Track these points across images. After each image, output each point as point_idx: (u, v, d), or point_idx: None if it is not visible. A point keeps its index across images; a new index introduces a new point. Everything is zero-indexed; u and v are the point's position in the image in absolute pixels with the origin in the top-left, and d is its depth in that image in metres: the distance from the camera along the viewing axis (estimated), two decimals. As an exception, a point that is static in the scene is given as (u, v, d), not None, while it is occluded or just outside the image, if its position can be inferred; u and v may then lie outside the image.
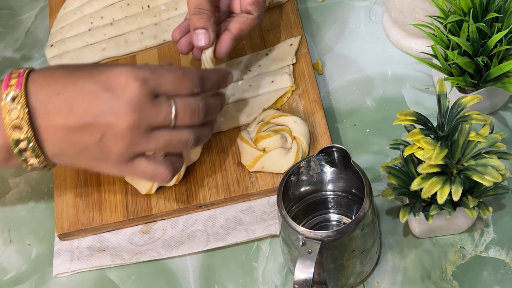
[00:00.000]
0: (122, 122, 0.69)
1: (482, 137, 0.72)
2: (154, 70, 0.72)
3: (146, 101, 0.70)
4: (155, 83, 0.71)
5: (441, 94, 0.74)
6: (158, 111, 0.71)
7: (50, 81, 0.70)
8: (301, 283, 0.70)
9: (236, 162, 0.87)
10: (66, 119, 0.70)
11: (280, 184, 0.75)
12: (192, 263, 0.84)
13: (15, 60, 1.03)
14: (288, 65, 0.93)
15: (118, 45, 0.98)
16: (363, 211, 0.71)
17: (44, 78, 0.71)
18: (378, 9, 0.99)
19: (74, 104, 0.69)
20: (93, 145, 0.71)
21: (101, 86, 0.69)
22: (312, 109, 0.89)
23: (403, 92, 0.92)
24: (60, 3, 1.04)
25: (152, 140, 0.72)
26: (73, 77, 0.70)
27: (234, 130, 0.90)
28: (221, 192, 0.86)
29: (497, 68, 0.80)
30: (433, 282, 0.79)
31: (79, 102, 0.69)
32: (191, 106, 0.73)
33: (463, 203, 0.74)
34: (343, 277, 0.76)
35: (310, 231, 0.71)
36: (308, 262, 0.70)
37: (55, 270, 0.84)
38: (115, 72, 0.70)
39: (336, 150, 0.76)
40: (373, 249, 0.77)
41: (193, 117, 0.73)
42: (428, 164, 0.71)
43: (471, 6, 0.81)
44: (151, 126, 0.71)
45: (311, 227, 0.82)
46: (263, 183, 0.85)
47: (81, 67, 0.73)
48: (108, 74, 0.70)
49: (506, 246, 0.80)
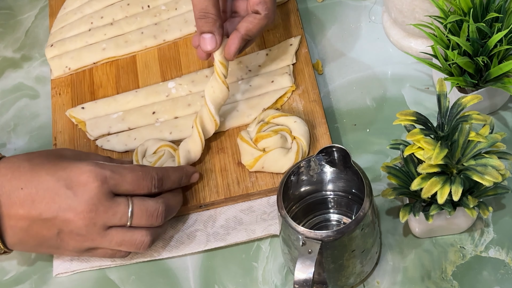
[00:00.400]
0: (79, 220, 0.74)
1: (482, 137, 0.72)
2: (114, 170, 0.75)
3: (103, 201, 0.74)
4: (114, 183, 0.75)
5: (441, 94, 0.74)
6: (115, 211, 0.75)
7: (15, 175, 0.74)
8: (301, 283, 0.70)
9: (236, 162, 0.87)
10: (28, 212, 0.74)
11: (280, 184, 0.75)
12: (192, 263, 0.84)
13: (15, 60, 1.03)
14: (288, 65, 0.93)
15: (118, 45, 0.98)
16: (363, 211, 0.71)
17: (10, 171, 0.75)
18: (378, 9, 0.99)
19: (36, 199, 0.74)
20: (51, 238, 0.76)
21: (62, 183, 0.74)
22: (312, 109, 0.89)
23: (403, 92, 0.92)
24: (60, 3, 1.04)
25: (107, 238, 0.76)
26: (37, 173, 0.74)
27: (234, 130, 0.90)
28: (221, 192, 0.86)
29: (497, 68, 0.80)
30: (433, 282, 0.79)
31: (41, 198, 0.74)
32: (149, 209, 0.77)
33: (463, 203, 0.74)
34: (343, 277, 0.76)
35: (310, 231, 0.71)
36: (308, 262, 0.70)
37: (55, 270, 0.84)
38: (77, 170, 0.74)
39: (336, 150, 0.76)
40: (373, 249, 0.77)
41: (150, 219, 0.77)
42: (428, 164, 0.71)
43: (471, 6, 0.81)
44: (106, 224, 0.75)
45: (311, 227, 0.82)
46: (263, 183, 0.85)
47: (45, 162, 0.76)
48: (70, 172, 0.74)
49: (506, 246, 0.80)
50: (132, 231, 0.77)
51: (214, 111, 0.85)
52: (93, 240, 0.76)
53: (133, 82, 0.96)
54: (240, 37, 0.82)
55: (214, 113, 0.86)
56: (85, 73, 0.98)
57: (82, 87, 0.97)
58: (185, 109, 0.92)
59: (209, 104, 0.85)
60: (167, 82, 0.94)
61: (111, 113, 0.93)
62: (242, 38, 0.83)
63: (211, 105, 0.85)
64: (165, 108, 0.92)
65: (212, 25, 0.81)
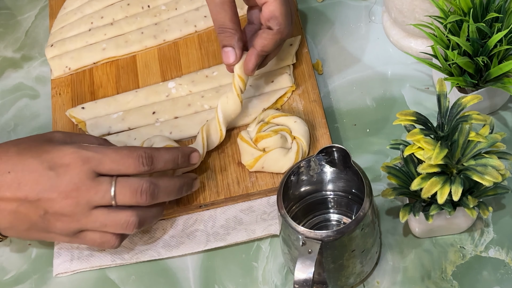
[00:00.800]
0: (62, 199, 0.75)
1: (482, 137, 0.72)
2: (98, 150, 0.76)
3: (85, 180, 0.75)
4: (97, 162, 0.75)
5: (441, 94, 0.74)
6: (97, 190, 0.75)
7: (3, 159, 0.76)
8: (301, 283, 0.70)
9: (236, 162, 0.87)
10: (14, 194, 0.75)
11: (280, 184, 0.75)
12: (192, 263, 0.84)
13: (15, 60, 1.03)
14: (288, 65, 0.93)
15: (118, 45, 0.98)
16: (363, 211, 0.71)
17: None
18: (378, 9, 0.99)
19: (22, 182, 0.75)
20: (38, 220, 0.76)
21: (46, 165, 0.75)
22: (312, 109, 0.89)
23: (403, 92, 0.92)
24: (60, 3, 1.04)
25: (91, 218, 0.76)
26: (24, 156, 0.76)
27: (234, 130, 0.90)
28: (221, 192, 0.86)
29: (497, 68, 0.80)
30: (433, 282, 0.79)
31: (26, 180, 0.75)
32: (132, 186, 0.76)
33: (463, 203, 0.74)
34: (343, 277, 0.76)
35: (310, 231, 0.71)
36: (308, 262, 0.70)
37: (55, 270, 0.84)
38: (60, 152, 0.76)
39: (336, 150, 0.76)
40: (373, 249, 0.77)
41: (135, 197, 0.76)
42: (428, 164, 0.71)
43: (471, 6, 0.81)
44: (90, 203, 0.75)
45: (311, 227, 0.82)
46: (263, 183, 0.85)
47: (32, 146, 0.77)
48: (53, 154, 0.76)
49: (506, 246, 0.80)
50: (117, 211, 0.76)
51: (223, 120, 0.86)
52: (79, 221, 0.76)
53: (133, 82, 0.96)
54: (256, 54, 0.84)
55: (222, 123, 0.86)
56: (85, 73, 0.98)
57: (82, 87, 0.97)
58: (185, 109, 0.92)
59: (219, 113, 0.86)
60: (167, 82, 0.94)
61: (111, 113, 0.93)
62: (258, 54, 0.84)
63: (221, 114, 0.86)
64: (165, 108, 0.92)
65: (231, 39, 0.83)
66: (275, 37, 0.83)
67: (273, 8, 0.81)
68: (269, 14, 0.81)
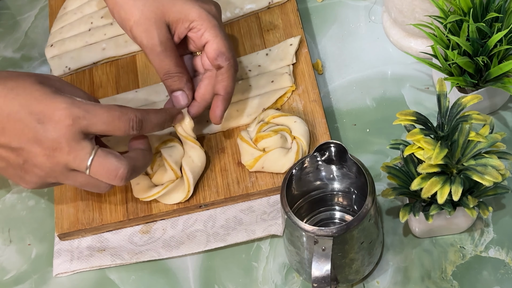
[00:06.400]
0: (43, 156, 0.73)
1: (482, 137, 0.72)
2: (90, 110, 0.74)
3: (70, 141, 0.73)
4: (87, 123, 0.73)
5: (441, 94, 0.74)
6: (75, 155, 0.73)
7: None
8: (320, 280, 0.70)
9: (236, 162, 0.87)
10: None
11: (283, 183, 0.74)
12: (192, 263, 0.84)
13: (15, 60, 1.03)
14: (288, 65, 0.93)
15: (118, 45, 0.98)
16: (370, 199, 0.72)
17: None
18: (378, 9, 0.99)
19: (6, 127, 0.73)
20: (17, 166, 0.75)
21: (35, 117, 0.72)
22: (312, 109, 0.89)
23: (403, 92, 0.92)
24: (60, 3, 1.04)
25: (70, 179, 0.75)
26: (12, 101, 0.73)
27: (234, 130, 0.90)
28: (221, 192, 0.86)
29: (497, 68, 0.80)
30: (433, 282, 0.79)
31: (12, 127, 0.73)
32: (110, 168, 0.74)
33: (463, 203, 0.74)
34: (353, 272, 0.76)
35: (321, 229, 0.71)
36: (323, 259, 0.70)
37: (55, 270, 0.84)
38: (52, 105, 0.73)
39: (333, 146, 0.76)
40: (379, 239, 0.77)
41: (109, 178, 0.75)
42: (428, 164, 0.71)
43: (471, 6, 0.81)
44: (67, 167, 0.74)
45: (315, 225, 0.82)
46: (263, 183, 0.85)
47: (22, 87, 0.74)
48: (45, 105, 0.73)
49: (506, 246, 0.80)
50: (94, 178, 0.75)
51: (192, 181, 0.84)
52: (56, 178, 0.75)
53: (133, 82, 0.96)
54: (222, 99, 0.83)
55: (191, 184, 0.84)
56: (85, 73, 0.98)
57: (82, 87, 0.97)
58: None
59: (189, 175, 0.84)
60: (167, 82, 0.94)
61: (111, 113, 0.93)
62: (224, 99, 0.83)
63: (191, 175, 0.84)
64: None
65: (179, 83, 0.83)
66: (230, 73, 0.83)
67: (216, 46, 0.82)
68: (215, 52, 0.82)
